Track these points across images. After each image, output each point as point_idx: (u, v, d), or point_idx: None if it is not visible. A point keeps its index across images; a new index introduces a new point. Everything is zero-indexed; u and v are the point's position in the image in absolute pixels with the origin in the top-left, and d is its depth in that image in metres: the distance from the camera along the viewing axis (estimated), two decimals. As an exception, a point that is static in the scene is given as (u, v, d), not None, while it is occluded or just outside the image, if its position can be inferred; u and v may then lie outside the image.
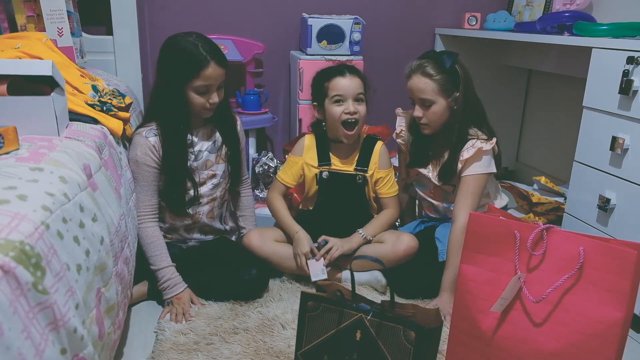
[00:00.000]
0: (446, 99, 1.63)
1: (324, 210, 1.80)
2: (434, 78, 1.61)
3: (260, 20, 2.60)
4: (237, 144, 1.72)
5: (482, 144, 1.62)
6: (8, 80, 1.14)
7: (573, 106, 2.40)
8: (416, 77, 1.64)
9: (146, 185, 1.58)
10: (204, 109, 1.57)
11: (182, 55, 1.51)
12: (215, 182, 1.69)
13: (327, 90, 1.68)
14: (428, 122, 1.67)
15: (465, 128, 1.65)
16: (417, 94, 1.65)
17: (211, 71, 1.52)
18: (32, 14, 1.71)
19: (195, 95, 1.54)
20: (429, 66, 1.62)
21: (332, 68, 1.73)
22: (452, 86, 1.63)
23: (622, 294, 1.02)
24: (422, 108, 1.65)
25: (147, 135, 1.57)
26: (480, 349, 1.20)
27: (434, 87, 1.61)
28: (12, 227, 0.75)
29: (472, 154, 1.62)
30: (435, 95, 1.62)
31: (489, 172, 1.65)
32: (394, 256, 1.68)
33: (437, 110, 1.64)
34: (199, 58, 1.50)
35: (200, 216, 1.70)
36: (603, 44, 1.64)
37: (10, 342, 0.67)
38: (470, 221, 1.20)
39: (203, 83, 1.52)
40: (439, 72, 1.61)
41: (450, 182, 1.72)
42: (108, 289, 1.04)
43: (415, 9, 2.74)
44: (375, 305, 1.18)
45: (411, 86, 1.66)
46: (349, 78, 1.67)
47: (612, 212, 1.61)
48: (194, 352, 1.37)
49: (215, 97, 1.56)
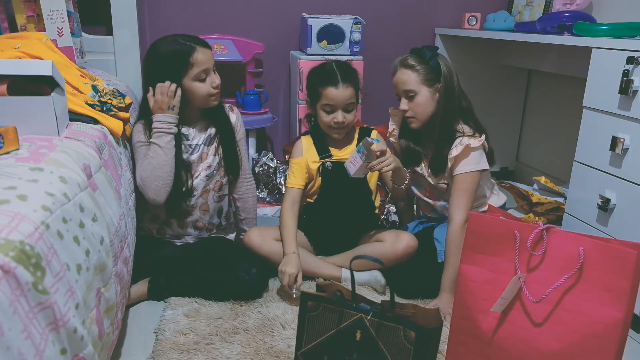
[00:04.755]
0: (429, 88, 1.67)
1: (327, 201, 1.80)
2: (415, 69, 1.66)
3: (260, 20, 2.60)
4: (230, 132, 1.73)
5: (469, 140, 1.63)
6: (8, 80, 1.14)
7: (573, 106, 2.40)
8: (399, 71, 1.70)
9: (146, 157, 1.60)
10: (209, 95, 1.61)
11: (168, 54, 1.55)
12: (208, 173, 1.69)
13: (320, 95, 1.70)
14: (414, 114, 1.69)
15: (449, 119, 1.67)
16: (400, 87, 1.69)
17: (201, 55, 1.56)
18: (32, 14, 1.71)
19: (198, 84, 1.58)
20: (410, 59, 1.69)
21: (327, 72, 1.70)
22: (434, 76, 1.66)
23: (622, 294, 1.02)
24: (407, 100, 1.69)
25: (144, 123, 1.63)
26: (480, 349, 1.20)
27: (416, 77, 1.66)
28: (12, 227, 0.75)
29: (460, 151, 1.63)
30: (418, 85, 1.66)
31: (480, 169, 1.65)
32: (393, 255, 1.68)
33: (421, 101, 1.67)
34: (184, 48, 1.55)
35: (194, 209, 1.70)
36: (603, 44, 1.64)
37: (10, 342, 0.67)
38: (470, 221, 1.20)
39: (200, 68, 1.56)
40: (420, 62, 1.67)
41: (442, 176, 1.73)
42: (108, 289, 1.04)
43: (415, 9, 2.74)
44: (375, 305, 1.18)
45: (395, 81, 1.71)
46: (341, 89, 1.67)
47: (612, 212, 1.61)
48: (194, 352, 1.37)
49: (216, 79, 1.61)
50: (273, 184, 2.38)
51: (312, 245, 1.84)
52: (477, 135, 1.64)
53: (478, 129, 1.68)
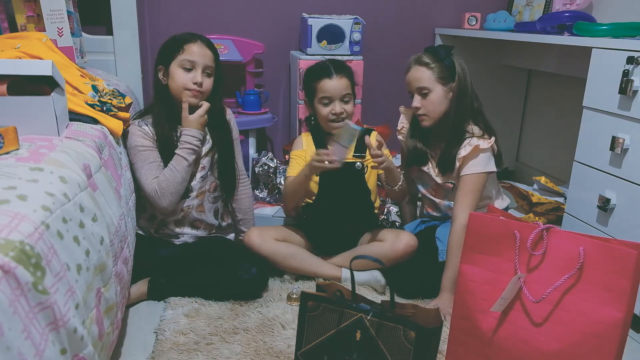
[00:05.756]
0: (443, 86, 1.66)
1: (325, 200, 1.80)
2: (430, 66, 1.66)
3: (260, 20, 2.59)
4: (227, 134, 1.73)
5: (478, 141, 1.63)
6: (8, 80, 1.14)
7: (573, 106, 2.40)
8: (414, 68, 1.69)
9: (153, 163, 1.60)
10: (185, 88, 1.58)
11: (169, 40, 1.62)
12: (203, 174, 1.69)
13: (316, 90, 1.73)
14: (426, 112, 1.69)
15: (461, 119, 1.67)
16: (414, 84, 1.69)
17: (196, 48, 1.58)
18: (32, 14, 1.71)
19: (180, 72, 1.58)
20: (425, 57, 1.68)
21: (320, 67, 1.75)
22: (449, 75, 1.66)
23: (622, 294, 1.02)
24: (420, 97, 1.68)
25: (139, 125, 1.61)
26: (480, 349, 1.20)
27: (431, 74, 1.66)
28: (12, 227, 0.75)
29: (469, 151, 1.63)
30: (432, 83, 1.66)
31: (487, 171, 1.65)
32: (393, 255, 1.69)
33: (434, 99, 1.66)
34: (184, 37, 1.60)
35: (190, 210, 1.70)
36: (603, 44, 1.64)
37: (10, 342, 0.67)
38: (470, 221, 1.20)
39: (187, 58, 1.57)
40: (435, 61, 1.67)
41: (450, 176, 1.72)
42: (108, 289, 1.04)
43: (415, 8, 2.74)
44: (375, 305, 1.18)
45: (409, 78, 1.70)
46: (335, 80, 1.71)
47: (612, 212, 1.60)
48: (194, 352, 1.37)
49: (199, 77, 1.58)
50: (273, 184, 2.37)
51: (312, 245, 1.84)
52: (486, 137, 1.65)
53: (488, 130, 1.68)
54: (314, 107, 1.76)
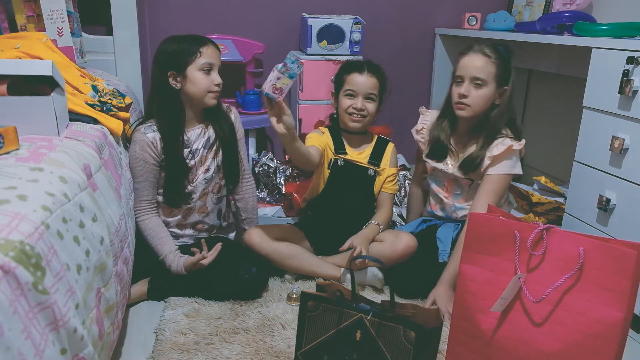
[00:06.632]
0: (496, 86, 1.65)
1: (331, 197, 1.81)
2: (493, 60, 1.63)
3: (260, 20, 2.60)
4: (232, 135, 1.72)
5: (512, 142, 1.63)
6: (8, 80, 1.14)
7: (573, 106, 2.40)
8: (475, 55, 1.65)
9: (145, 182, 1.61)
10: (209, 91, 1.60)
11: (182, 41, 1.59)
12: (207, 176, 1.69)
13: (344, 82, 1.76)
14: (472, 103, 1.64)
15: (501, 124, 1.66)
16: (471, 71, 1.63)
17: (211, 50, 1.59)
18: (32, 14, 1.71)
19: (201, 75, 1.57)
20: (489, 50, 1.65)
21: (355, 62, 1.80)
22: (505, 76, 1.65)
23: (622, 294, 1.02)
24: (471, 86, 1.64)
25: (145, 132, 1.59)
26: (480, 349, 1.20)
27: (491, 69, 1.63)
28: (12, 227, 0.75)
29: (502, 150, 1.62)
30: (490, 78, 1.63)
31: (514, 172, 1.66)
32: (392, 255, 1.69)
33: (484, 94, 1.64)
34: (197, 40, 1.59)
35: (193, 212, 1.70)
36: (603, 44, 1.64)
37: (10, 342, 0.67)
38: (470, 221, 1.20)
39: (207, 61, 1.57)
40: (498, 57, 1.64)
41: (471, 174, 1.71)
42: (108, 289, 1.04)
43: (415, 9, 2.74)
44: (375, 305, 1.18)
45: (467, 63, 1.65)
46: (365, 76, 1.73)
47: (612, 212, 1.60)
48: (194, 352, 1.37)
49: (219, 79, 1.61)
50: (273, 184, 2.38)
51: (312, 245, 1.84)
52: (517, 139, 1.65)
53: (517, 135, 1.68)
54: (338, 100, 1.79)
